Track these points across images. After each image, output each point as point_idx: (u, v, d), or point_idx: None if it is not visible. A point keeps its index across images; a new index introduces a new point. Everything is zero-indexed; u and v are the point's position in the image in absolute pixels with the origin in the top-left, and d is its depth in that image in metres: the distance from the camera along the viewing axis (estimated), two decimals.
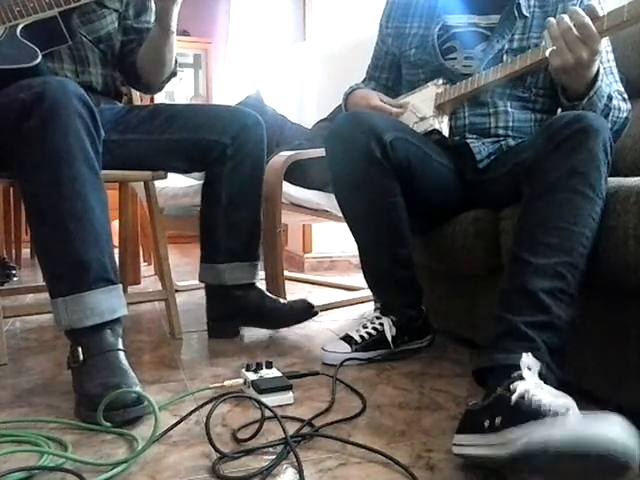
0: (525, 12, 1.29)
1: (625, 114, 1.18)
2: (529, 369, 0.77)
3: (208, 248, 1.53)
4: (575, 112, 0.97)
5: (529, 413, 0.68)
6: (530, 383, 0.74)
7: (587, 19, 0.99)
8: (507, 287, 0.89)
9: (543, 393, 0.72)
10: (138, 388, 0.98)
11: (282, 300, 1.54)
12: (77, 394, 1.01)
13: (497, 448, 0.70)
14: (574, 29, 1.00)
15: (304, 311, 1.53)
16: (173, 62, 1.51)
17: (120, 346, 1.06)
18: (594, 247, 0.89)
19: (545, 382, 0.78)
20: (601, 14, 1.00)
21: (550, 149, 0.93)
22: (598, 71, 1.07)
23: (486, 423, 0.74)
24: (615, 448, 0.60)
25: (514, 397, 0.72)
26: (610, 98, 1.13)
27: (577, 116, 0.94)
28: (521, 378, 0.75)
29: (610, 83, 1.20)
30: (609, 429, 0.62)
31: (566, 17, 1.01)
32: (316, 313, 1.54)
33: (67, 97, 1.06)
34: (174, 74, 1.56)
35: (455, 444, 0.80)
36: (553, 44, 1.03)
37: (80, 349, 1.04)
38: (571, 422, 0.64)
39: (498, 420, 0.72)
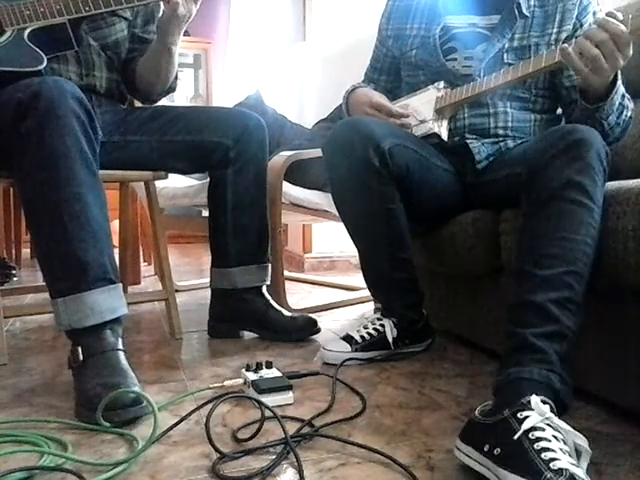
0: (525, 12, 1.28)
1: (630, 112, 1.16)
2: (543, 403, 0.74)
3: (219, 252, 1.52)
4: (568, 125, 0.97)
5: (531, 464, 0.67)
6: (540, 418, 0.71)
7: (622, 26, 0.96)
8: (514, 302, 0.88)
9: (555, 444, 0.68)
10: (137, 388, 0.98)
11: (286, 312, 1.53)
12: (77, 394, 1.01)
13: (492, 475, 0.72)
14: (610, 39, 0.96)
15: (306, 326, 1.51)
16: (172, 78, 1.50)
17: (120, 346, 1.06)
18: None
19: (559, 402, 0.77)
20: (622, 17, 0.97)
21: (545, 162, 0.93)
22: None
23: (486, 447, 0.73)
24: None
25: (526, 441, 0.69)
26: (623, 96, 1.11)
27: (570, 129, 0.94)
28: (530, 409, 0.73)
29: None
30: None
31: (597, 29, 0.97)
32: (319, 330, 1.52)
33: (63, 97, 1.06)
34: (172, 89, 1.55)
35: (457, 448, 0.80)
36: (590, 64, 0.98)
37: (80, 349, 1.04)
38: None
39: (498, 451, 0.71)
